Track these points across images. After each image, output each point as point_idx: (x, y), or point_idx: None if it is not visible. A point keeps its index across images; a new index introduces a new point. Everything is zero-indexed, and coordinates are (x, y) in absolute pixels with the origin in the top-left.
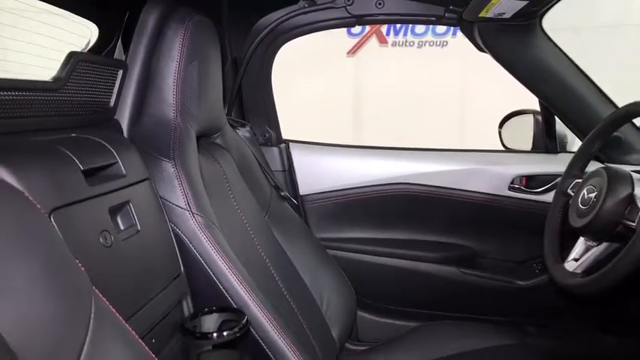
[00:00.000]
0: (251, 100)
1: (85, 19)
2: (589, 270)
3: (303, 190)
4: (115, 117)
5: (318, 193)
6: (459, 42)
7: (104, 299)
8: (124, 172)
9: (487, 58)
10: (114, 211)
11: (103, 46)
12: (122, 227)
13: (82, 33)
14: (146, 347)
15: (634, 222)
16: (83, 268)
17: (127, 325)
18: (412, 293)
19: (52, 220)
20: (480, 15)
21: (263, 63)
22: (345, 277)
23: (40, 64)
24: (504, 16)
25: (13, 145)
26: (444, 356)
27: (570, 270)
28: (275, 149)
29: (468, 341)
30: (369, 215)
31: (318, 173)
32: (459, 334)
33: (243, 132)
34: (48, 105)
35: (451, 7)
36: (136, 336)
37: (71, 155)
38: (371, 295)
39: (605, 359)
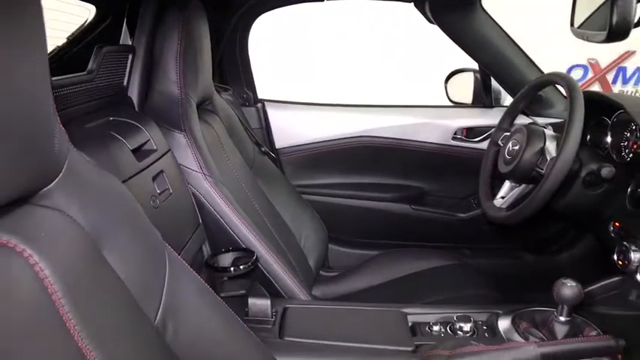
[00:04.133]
0: (231, 66)
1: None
2: (512, 205)
3: (278, 144)
4: (128, 94)
5: (292, 147)
6: None
7: (170, 248)
8: (155, 147)
9: None
10: (154, 179)
11: (111, 32)
12: (160, 192)
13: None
14: (201, 280)
15: (543, 169)
16: None
17: (187, 265)
18: (373, 227)
19: None
20: None
21: (242, 32)
22: (318, 217)
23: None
24: None
25: (76, 134)
26: (400, 276)
27: (498, 205)
28: (253, 109)
29: (418, 263)
30: (337, 164)
31: (292, 129)
32: (411, 258)
33: (226, 96)
34: (85, 94)
35: None
36: (194, 272)
37: (121, 138)
38: (339, 231)
39: (525, 271)
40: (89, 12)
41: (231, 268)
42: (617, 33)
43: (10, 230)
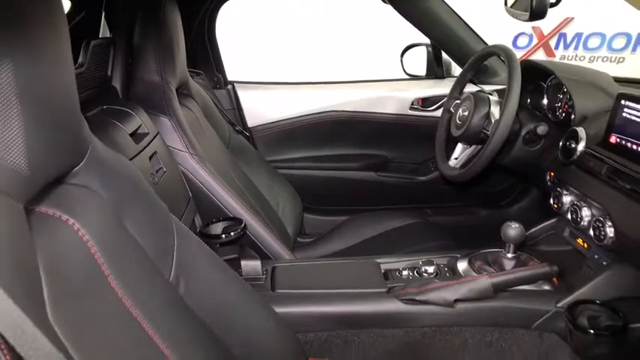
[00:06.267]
0: (201, 52)
1: None
2: (465, 164)
3: (250, 123)
4: (112, 84)
5: (264, 125)
6: None
7: (175, 217)
8: (147, 131)
9: None
10: (150, 159)
11: (89, 25)
12: (156, 170)
13: None
14: (204, 243)
15: (489, 131)
16: None
17: (191, 232)
18: (343, 195)
19: None
20: None
21: (209, 19)
22: (292, 189)
23: None
24: None
25: None
26: (370, 236)
27: (452, 165)
28: (224, 91)
29: (386, 224)
30: (306, 139)
31: (262, 108)
32: (378, 220)
33: (199, 80)
34: (79, 86)
35: None
36: (197, 237)
37: (119, 123)
38: (312, 200)
39: (479, 225)
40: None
41: (223, 235)
42: (536, 14)
43: (55, 205)
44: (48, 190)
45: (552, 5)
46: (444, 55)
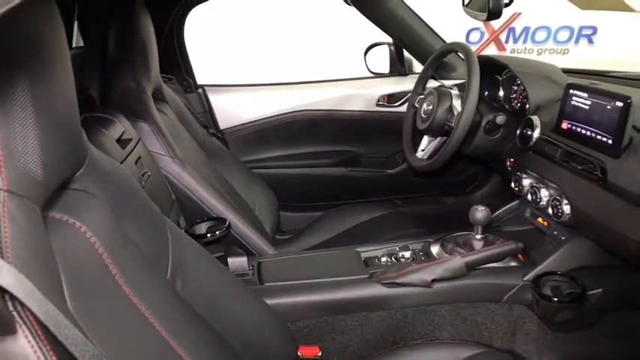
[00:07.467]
0: (171, 57)
1: None
2: (431, 155)
3: (222, 125)
4: (89, 92)
5: (236, 126)
6: None
7: (167, 218)
8: (131, 137)
9: None
10: (136, 164)
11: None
12: (142, 174)
13: None
14: (196, 242)
15: (452, 123)
16: None
17: (183, 231)
18: (316, 191)
19: None
20: None
21: (178, 24)
22: (267, 187)
23: None
24: None
25: None
26: (345, 229)
27: (420, 157)
28: (195, 95)
29: (359, 216)
30: (278, 138)
31: (233, 110)
32: (352, 214)
33: (171, 84)
34: None
35: None
36: (189, 237)
37: (105, 130)
38: (287, 198)
39: (447, 212)
40: None
41: (208, 235)
42: (493, 13)
43: (63, 210)
44: (54, 195)
45: (507, 5)
46: (406, 53)
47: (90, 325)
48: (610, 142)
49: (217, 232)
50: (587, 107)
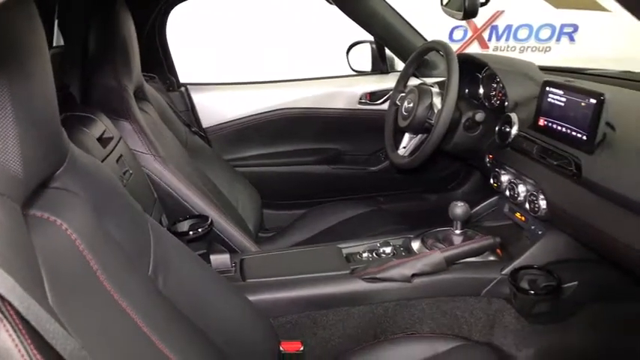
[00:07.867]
0: (153, 55)
1: None
2: (412, 152)
3: (205, 123)
4: (70, 91)
5: (219, 125)
6: None
7: (149, 216)
8: (112, 135)
9: None
10: (117, 162)
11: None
12: (123, 173)
13: None
14: (178, 240)
15: (433, 120)
16: None
17: (165, 229)
18: (298, 189)
19: None
20: None
21: (160, 23)
22: (250, 185)
23: None
24: None
25: None
26: (328, 227)
27: (401, 154)
28: (177, 93)
29: (340, 214)
30: (261, 136)
31: (216, 108)
32: (333, 211)
33: (153, 83)
34: None
35: None
36: (171, 234)
37: (85, 129)
38: (270, 196)
39: (429, 209)
40: None
41: (191, 232)
42: (469, 13)
43: (43, 208)
44: (35, 194)
45: (482, 5)
46: (388, 51)
47: (71, 321)
48: (584, 138)
49: (200, 230)
50: (562, 104)
